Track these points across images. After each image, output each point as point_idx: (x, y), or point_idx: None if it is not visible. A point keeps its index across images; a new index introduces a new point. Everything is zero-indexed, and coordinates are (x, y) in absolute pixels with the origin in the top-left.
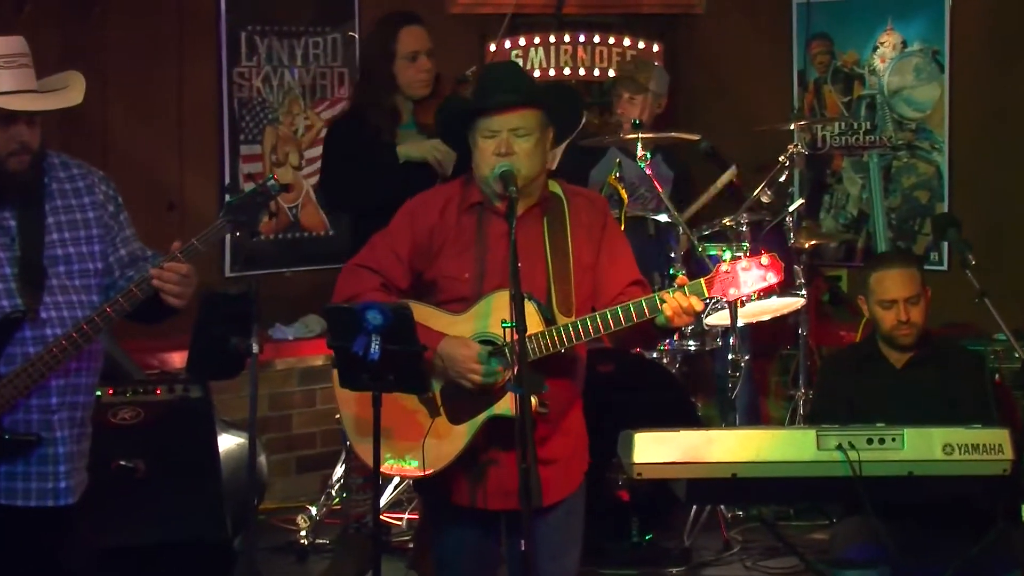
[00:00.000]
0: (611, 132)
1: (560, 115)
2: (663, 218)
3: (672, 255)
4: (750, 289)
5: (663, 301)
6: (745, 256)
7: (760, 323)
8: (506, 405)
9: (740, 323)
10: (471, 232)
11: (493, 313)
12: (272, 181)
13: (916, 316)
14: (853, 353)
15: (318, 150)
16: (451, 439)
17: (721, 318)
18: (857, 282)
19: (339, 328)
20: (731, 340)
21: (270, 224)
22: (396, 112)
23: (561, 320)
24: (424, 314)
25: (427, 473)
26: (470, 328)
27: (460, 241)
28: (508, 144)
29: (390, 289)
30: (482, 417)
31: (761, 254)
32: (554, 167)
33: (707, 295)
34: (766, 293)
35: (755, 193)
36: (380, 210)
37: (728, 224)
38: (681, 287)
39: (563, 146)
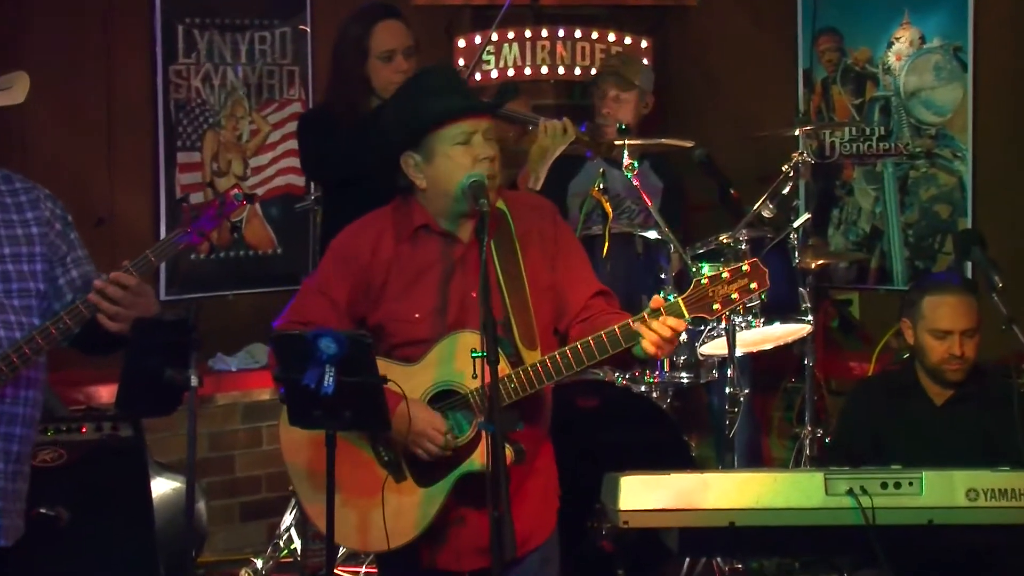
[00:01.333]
0: (598, 137)
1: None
2: (652, 235)
3: (663, 276)
4: (734, 302)
5: (640, 334)
6: (724, 267)
7: (761, 353)
8: (480, 460)
9: (739, 352)
10: (417, 263)
11: (454, 358)
12: (236, 191)
13: (970, 351)
14: (887, 383)
15: (265, 158)
16: (418, 504)
17: (718, 347)
18: (874, 305)
19: (288, 358)
20: (729, 371)
21: (224, 236)
22: (369, 115)
23: (526, 355)
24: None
25: (392, 548)
26: (428, 378)
27: (404, 276)
28: (486, 148)
29: None
30: (454, 476)
31: (742, 262)
32: (538, 187)
33: (688, 316)
34: (758, 311)
35: (755, 207)
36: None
37: (726, 241)
38: (656, 311)
39: (549, 163)
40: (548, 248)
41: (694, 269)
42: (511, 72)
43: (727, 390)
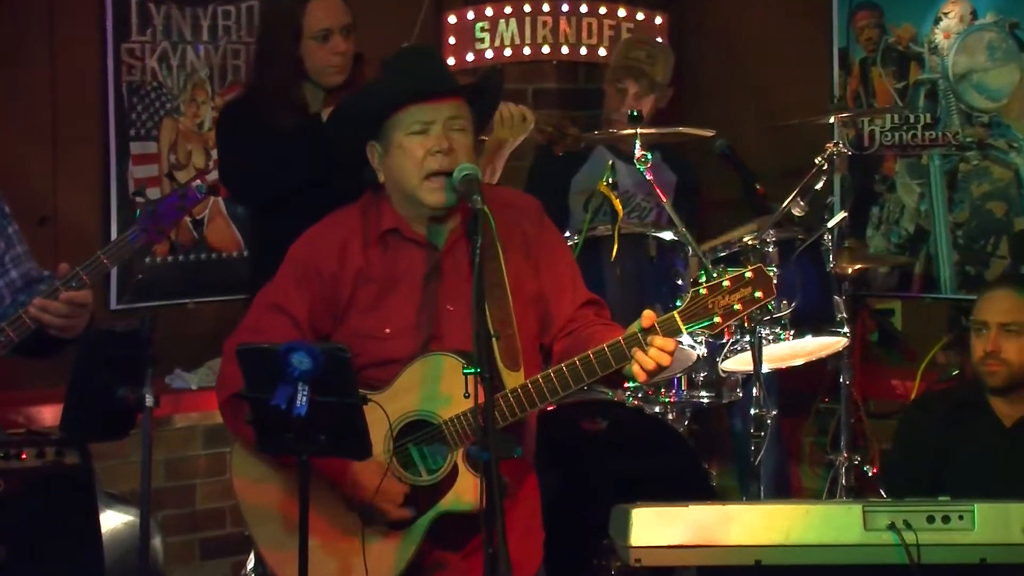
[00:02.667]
0: (564, 129)
1: (482, 107)
2: (667, 236)
3: (679, 282)
4: (737, 314)
5: (631, 357)
6: (724, 275)
7: (791, 369)
8: (459, 497)
9: (766, 369)
10: (387, 272)
11: (426, 384)
12: (198, 182)
13: (1011, 351)
14: (949, 400)
15: None
16: (389, 550)
17: (741, 363)
18: (918, 316)
19: (255, 375)
20: (754, 390)
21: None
22: (302, 104)
23: (507, 377)
24: None
25: None
26: (397, 407)
27: (373, 287)
28: (447, 139)
29: None
30: (429, 518)
31: (744, 269)
32: (495, 180)
33: (684, 330)
34: (787, 322)
35: (784, 205)
36: (296, 196)
37: (750, 244)
38: (650, 328)
39: (506, 155)
40: (532, 252)
41: (703, 275)
42: (508, 52)
43: (752, 411)
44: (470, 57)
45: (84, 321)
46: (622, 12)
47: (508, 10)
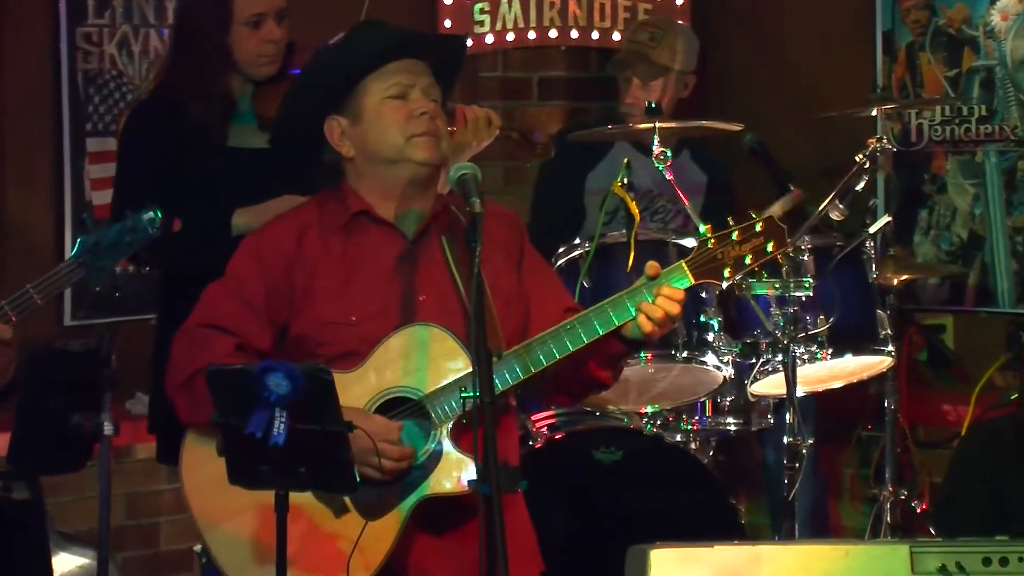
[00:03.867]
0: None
1: (446, 81)
2: (690, 242)
3: (704, 294)
4: (747, 266)
5: (634, 309)
6: (733, 225)
7: (829, 393)
8: (444, 479)
9: (800, 392)
10: (352, 258)
11: (404, 357)
12: (150, 214)
13: None
14: (1007, 427)
15: None
16: (369, 543)
17: (773, 385)
18: (972, 332)
19: (227, 399)
20: (787, 417)
21: None
22: (228, 98)
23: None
24: None
25: None
26: (371, 385)
27: (337, 273)
28: (425, 102)
29: (250, 353)
30: (411, 501)
31: (753, 219)
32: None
33: (692, 281)
34: (824, 340)
35: (822, 208)
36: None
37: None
38: (655, 278)
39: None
40: (513, 257)
41: (704, 233)
42: (511, 36)
43: (785, 440)
44: (468, 42)
45: (7, 362)
46: None
47: None
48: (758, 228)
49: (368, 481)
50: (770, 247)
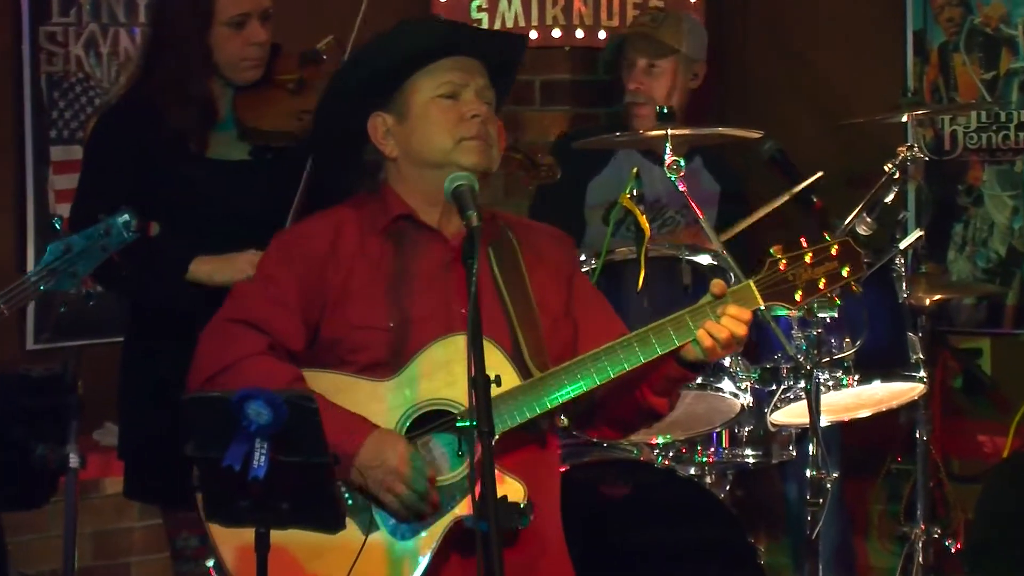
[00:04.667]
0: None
1: (502, 86)
2: (705, 259)
3: None
4: (820, 291)
5: (695, 328)
6: (806, 244)
7: (856, 422)
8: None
9: (825, 422)
10: (390, 262)
11: (441, 370)
12: (125, 217)
13: None
14: None
15: None
16: (395, 565)
17: (795, 414)
18: (1011, 357)
19: (203, 428)
20: (810, 448)
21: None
22: (208, 105)
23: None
24: (330, 386)
25: None
26: (409, 395)
27: (374, 276)
28: (477, 105)
29: (281, 354)
30: (445, 522)
31: (828, 241)
32: None
33: (761, 303)
34: (851, 364)
35: (847, 221)
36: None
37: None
38: (720, 297)
39: None
40: (563, 277)
41: (775, 253)
42: None
43: (808, 473)
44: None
45: None
46: None
47: None
48: (833, 251)
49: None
50: (845, 272)
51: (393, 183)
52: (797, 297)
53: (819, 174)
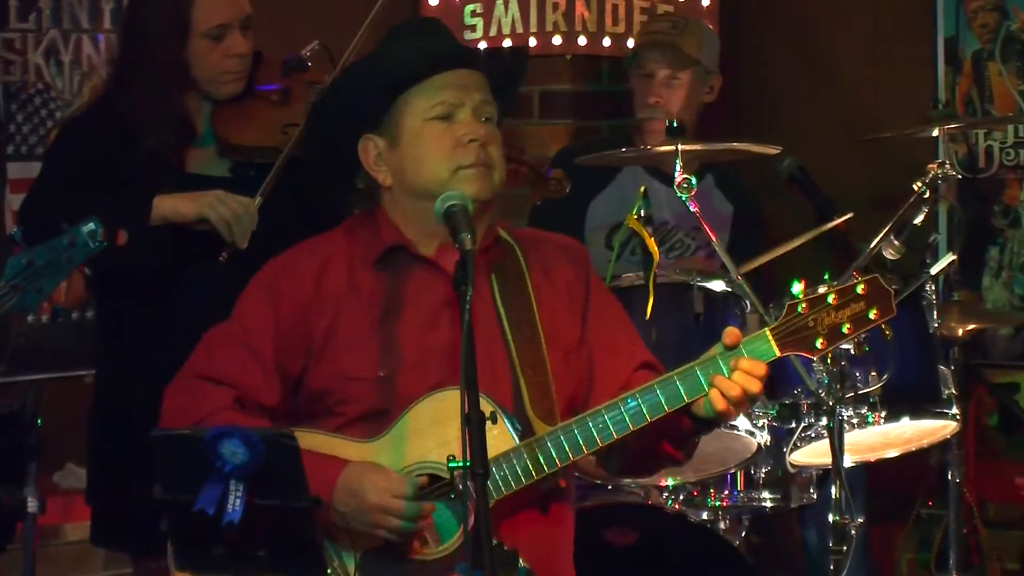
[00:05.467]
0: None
1: (504, 101)
2: (718, 286)
3: None
4: (845, 336)
5: (706, 383)
6: (829, 287)
7: (883, 462)
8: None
9: (848, 462)
10: (385, 300)
11: (432, 428)
12: (90, 226)
13: None
14: None
15: None
16: None
17: (816, 454)
18: None
19: (173, 469)
20: (833, 491)
21: (77, 292)
22: (186, 123)
23: (541, 430)
24: (313, 446)
25: None
26: (396, 457)
27: (366, 317)
28: (475, 127)
29: (252, 408)
30: None
31: (854, 279)
32: None
33: (778, 353)
34: (877, 400)
35: (873, 244)
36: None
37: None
38: (733, 347)
39: None
40: (575, 298)
41: (797, 295)
42: (507, 44)
43: (831, 519)
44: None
45: None
46: None
47: None
48: (859, 290)
49: (389, 553)
50: (873, 314)
51: (388, 209)
52: (819, 344)
53: (848, 215)
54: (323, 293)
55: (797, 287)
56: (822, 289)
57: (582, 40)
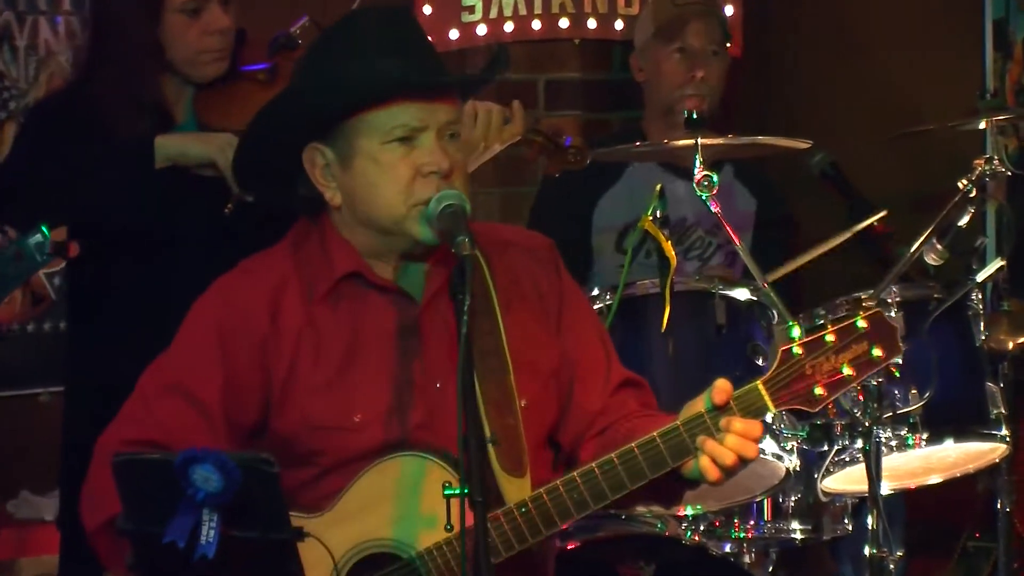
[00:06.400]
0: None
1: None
2: (742, 294)
3: (760, 363)
4: (848, 382)
5: (697, 449)
6: (830, 327)
7: (925, 489)
8: None
9: (886, 490)
10: (347, 335)
11: (381, 503)
12: (37, 238)
13: None
14: None
15: None
16: None
17: (850, 481)
18: None
19: (139, 499)
20: (869, 521)
21: (12, 309)
22: (162, 110)
23: (508, 486)
24: None
25: None
26: (348, 535)
27: (329, 356)
28: (445, 154)
29: None
30: None
31: (857, 315)
32: None
33: (773, 410)
34: (918, 421)
35: (914, 248)
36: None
37: (866, 304)
38: (723, 407)
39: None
40: (547, 311)
41: (792, 328)
42: (509, 27)
43: (867, 552)
44: (454, 34)
45: None
46: None
47: None
48: (860, 325)
49: None
50: (877, 354)
51: (338, 226)
52: (818, 394)
53: (882, 212)
54: (280, 328)
55: (796, 331)
56: (826, 329)
57: (591, 23)
